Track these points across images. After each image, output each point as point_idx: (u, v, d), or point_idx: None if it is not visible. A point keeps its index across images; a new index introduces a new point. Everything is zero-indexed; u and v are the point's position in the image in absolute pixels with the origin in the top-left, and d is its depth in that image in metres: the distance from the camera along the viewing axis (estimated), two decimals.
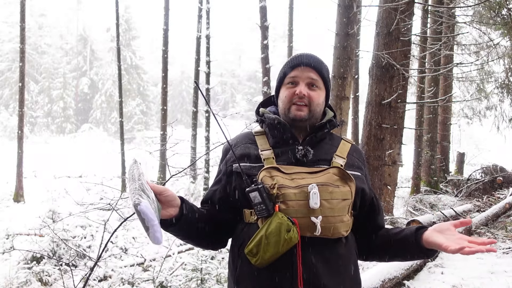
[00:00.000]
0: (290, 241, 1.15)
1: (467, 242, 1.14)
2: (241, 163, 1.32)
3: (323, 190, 1.21)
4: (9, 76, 38.90)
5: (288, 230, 1.15)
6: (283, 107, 1.36)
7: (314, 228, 1.18)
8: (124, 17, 39.76)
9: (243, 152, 1.37)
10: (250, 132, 1.44)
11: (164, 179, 13.01)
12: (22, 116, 12.50)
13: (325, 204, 1.20)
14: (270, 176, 1.24)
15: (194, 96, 15.04)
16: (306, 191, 1.20)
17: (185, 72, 48.87)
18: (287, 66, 1.38)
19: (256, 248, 1.18)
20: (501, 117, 13.13)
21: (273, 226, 1.16)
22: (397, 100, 6.05)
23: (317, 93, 1.36)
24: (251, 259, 1.20)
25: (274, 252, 1.16)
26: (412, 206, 8.70)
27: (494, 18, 8.90)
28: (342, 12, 7.34)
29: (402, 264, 4.37)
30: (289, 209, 1.19)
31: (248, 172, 1.29)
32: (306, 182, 1.22)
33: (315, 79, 1.35)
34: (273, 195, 1.20)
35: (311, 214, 1.19)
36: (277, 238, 1.14)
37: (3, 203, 11.63)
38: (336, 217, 1.21)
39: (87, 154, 24.45)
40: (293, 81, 1.36)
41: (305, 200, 1.20)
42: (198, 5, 14.48)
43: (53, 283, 5.02)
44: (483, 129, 14.82)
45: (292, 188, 1.21)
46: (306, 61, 1.36)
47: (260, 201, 1.19)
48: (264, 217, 1.20)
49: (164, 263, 5.37)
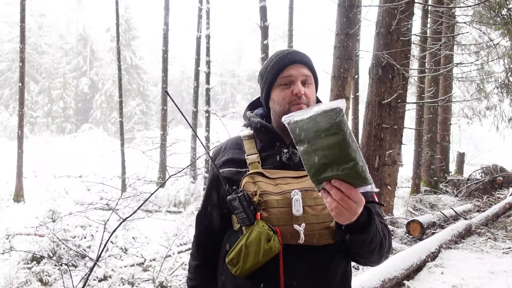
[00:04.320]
0: (270, 251, 1.11)
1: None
2: (227, 168, 1.29)
3: (307, 196, 1.16)
4: (9, 76, 38.90)
5: (268, 240, 1.11)
6: (280, 109, 1.27)
7: (297, 236, 1.13)
8: (124, 17, 39.75)
9: (229, 157, 1.33)
10: (239, 137, 1.40)
11: (164, 179, 13.00)
12: (22, 116, 12.50)
13: (309, 211, 1.15)
14: (253, 182, 1.19)
15: (194, 96, 15.04)
16: (289, 197, 1.15)
17: (185, 72, 48.87)
18: (279, 65, 1.28)
19: (236, 258, 1.15)
20: (500, 117, 13.13)
21: (253, 235, 1.12)
22: (397, 100, 6.04)
23: (311, 90, 1.30)
24: (231, 268, 1.18)
25: (254, 262, 1.13)
26: (412, 206, 8.70)
27: (494, 18, 8.90)
28: (342, 12, 7.34)
29: (402, 264, 4.37)
30: (271, 217, 1.15)
31: (234, 177, 1.26)
32: (289, 188, 1.18)
33: (308, 75, 1.29)
34: (255, 202, 1.16)
35: (294, 222, 1.14)
36: (257, 248, 1.11)
37: (3, 203, 11.62)
38: (321, 224, 1.15)
39: (87, 154, 24.44)
40: (288, 81, 1.27)
41: (288, 207, 1.15)
42: (198, 5, 14.48)
43: (53, 283, 5.01)
44: (483, 129, 14.81)
45: (275, 194, 1.17)
46: (297, 58, 1.29)
47: (240, 209, 1.16)
48: (246, 225, 1.16)
49: (164, 263, 5.37)
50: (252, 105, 1.46)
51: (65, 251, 5.53)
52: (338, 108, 0.92)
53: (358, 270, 4.56)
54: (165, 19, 14.82)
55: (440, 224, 6.97)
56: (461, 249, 5.84)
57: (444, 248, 5.59)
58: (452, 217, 7.37)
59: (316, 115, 0.93)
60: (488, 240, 6.29)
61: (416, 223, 6.35)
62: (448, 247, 5.71)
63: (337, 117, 0.91)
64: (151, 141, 21.00)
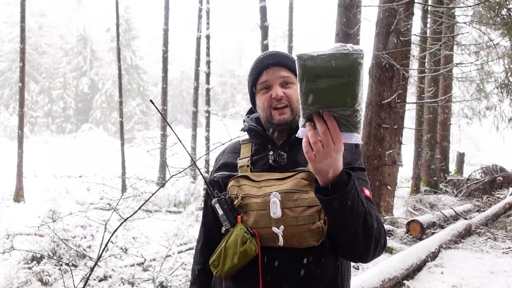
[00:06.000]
0: (246, 254, 1.12)
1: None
2: (220, 172, 1.33)
3: (286, 198, 1.14)
4: (9, 76, 38.90)
5: (243, 242, 1.12)
6: (264, 115, 1.29)
7: (276, 238, 1.13)
8: (124, 17, 39.75)
9: (225, 162, 1.36)
10: (238, 141, 1.42)
11: (164, 179, 13.01)
12: (22, 116, 12.51)
13: (288, 213, 1.13)
14: (238, 185, 1.22)
15: (194, 96, 15.05)
16: (268, 200, 1.15)
17: (185, 72, 48.86)
18: (255, 72, 1.31)
19: (217, 260, 1.18)
20: (500, 117, 13.13)
21: (232, 238, 1.14)
22: (397, 100, 6.05)
23: (293, 89, 1.28)
24: (213, 270, 1.21)
25: (232, 264, 1.14)
26: (412, 206, 8.71)
27: (494, 18, 8.90)
28: (342, 12, 7.34)
29: (402, 264, 4.37)
30: (250, 220, 1.17)
31: (225, 181, 1.28)
32: (271, 190, 1.17)
33: (287, 75, 1.28)
34: (236, 205, 1.18)
35: (272, 224, 1.13)
36: (234, 250, 1.13)
37: (4, 203, 11.64)
38: (301, 226, 1.12)
39: (87, 154, 24.46)
40: (266, 86, 1.29)
41: (267, 210, 1.15)
42: (198, 5, 14.49)
43: (53, 283, 5.02)
44: (483, 129, 14.82)
45: (256, 197, 1.18)
46: (272, 61, 1.29)
47: (222, 212, 1.18)
48: (228, 228, 1.19)
49: (164, 263, 5.38)
50: (251, 110, 1.48)
51: (66, 251, 5.53)
52: (359, 50, 0.90)
53: (358, 270, 4.57)
54: (165, 19, 14.83)
55: (440, 224, 6.97)
56: (461, 249, 5.85)
57: (444, 248, 5.59)
58: (452, 217, 7.38)
59: (337, 53, 0.90)
60: (488, 240, 6.30)
61: (416, 223, 6.36)
62: (448, 247, 5.72)
63: (358, 60, 0.90)
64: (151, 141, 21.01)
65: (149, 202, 3.28)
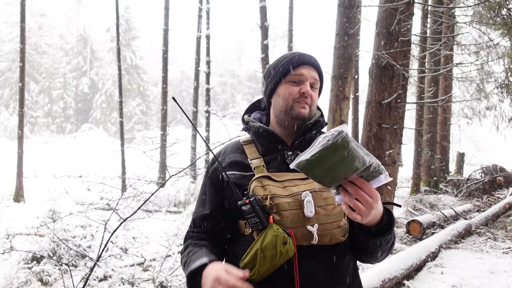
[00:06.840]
0: (286, 254, 1.12)
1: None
2: (231, 171, 1.29)
3: (317, 197, 1.18)
4: (9, 76, 38.91)
5: (284, 243, 1.12)
6: (284, 104, 1.30)
7: (311, 237, 1.16)
8: (124, 17, 39.76)
9: (233, 160, 1.33)
10: (238, 141, 1.40)
11: (164, 179, 13.00)
12: (22, 116, 12.51)
13: (321, 211, 1.17)
14: (261, 186, 1.20)
15: (194, 96, 15.05)
16: (299, 199, 1.17)
17: (185, 72, 48.89)
18: (292, 63, 1.31)
19: (252, 262, 1.14)
20: (500, 117, 13.13)
21: (268, 239, 1.12)
22: (397, 100, 6.04)
23: (316, 94, 1.33)
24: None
25: (271, 266, 1.13)
26: (412, 206, 8.71)
27: (494, 18, 8.89)
28: (342, 12, 7.34)
29: (402, 264, 4.37)
30: (284, 220, 1.16)
31: (239, 182, 1.26)
32: (299, 190, 1.19)
33: (317, 80, 1.32)
34: (267, 206, 1.17)
35: (306, 223, 1.16)
36: (273, 251, 1.11)
37: (3, 203, 11.63)
38: (333, 223, 1.18)
39: (87, 154, 24.46)
40: (298, 79, 1.30)
41: (299, 209, 1.17)
42: (198, 5, 14.49)
43: (53, 283, 5.02)
44: (483, 129, 14.82)
45: (285, 197, 1.18)
46: (311, 61, 1.32)
47: (253, 214, 1.15)
48: (259, 229, 1.16)
49: (164, 263, 5.38)
50: (249, 109, 1.47)
51: (65, 251, 5.53)
52: (340, 130, 0.94)
53: (358, 270, 4.57)
54: (165, 19, 14.82)
55: (440, 224, 6.97)
56: (461, 249, 5.85)
57: (444, 248, 5.59)
58: (452, 217, 7.38)
59: (327, 146, 0.94)
60: (488, 240, 6.30)
61: (416, 223, 6.36)
62: (448, 247, 5.72)
63: (345, 140, 0.93)
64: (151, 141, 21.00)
65: (149, 202, 3.28)
